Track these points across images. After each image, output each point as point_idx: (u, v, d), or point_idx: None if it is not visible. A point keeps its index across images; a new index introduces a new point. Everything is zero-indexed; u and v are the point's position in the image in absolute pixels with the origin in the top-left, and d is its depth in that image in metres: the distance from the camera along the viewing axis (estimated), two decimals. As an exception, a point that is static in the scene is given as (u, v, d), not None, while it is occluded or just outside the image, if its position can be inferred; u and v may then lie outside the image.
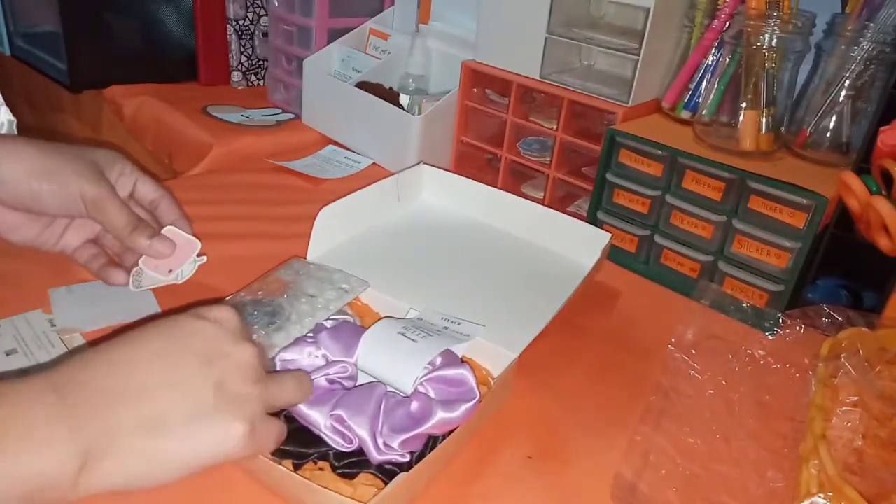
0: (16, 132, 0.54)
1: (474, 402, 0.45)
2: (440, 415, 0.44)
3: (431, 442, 0.45)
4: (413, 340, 0.49)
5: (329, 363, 0.48)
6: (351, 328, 0.51)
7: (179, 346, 0.35)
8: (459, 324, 0.55)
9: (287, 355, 0.49)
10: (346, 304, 0.56)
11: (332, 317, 0.54)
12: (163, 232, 0.55)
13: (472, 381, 0.46)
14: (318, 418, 0.45)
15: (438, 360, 0.48)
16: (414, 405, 0.45)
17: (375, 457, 0.43)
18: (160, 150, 1.04)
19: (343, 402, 0.45)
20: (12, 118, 0.52)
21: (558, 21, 0.80)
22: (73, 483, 0.30)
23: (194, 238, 0.56)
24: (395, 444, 0.43)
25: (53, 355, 0.52)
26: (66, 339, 0.54)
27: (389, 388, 0.47)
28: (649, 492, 0.45)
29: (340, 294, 0.56)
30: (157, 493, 0.42)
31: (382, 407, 0.45)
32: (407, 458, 0.43)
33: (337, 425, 0.44)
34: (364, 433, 0.43)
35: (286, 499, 0.42)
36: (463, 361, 0.49)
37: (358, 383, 0.49)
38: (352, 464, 0.43)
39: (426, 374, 0.47)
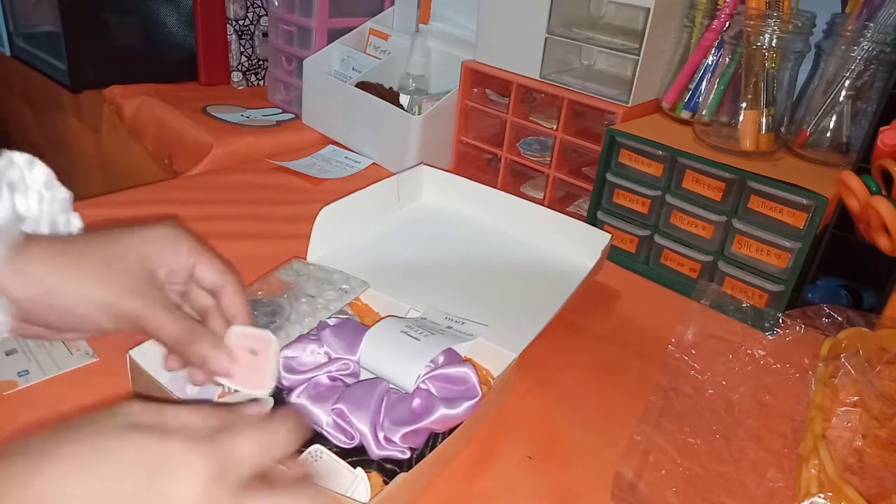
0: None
1: (476, 399, 0.45)
2: (442, 410, 0.44)
3: (432, 441, 0.45)
4: (416, 339, 0.49)
5: (331, 360, 0.48)
6: (354, 326, 0.51)
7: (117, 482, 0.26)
8: (463, 323, 0.55)
9: (289, 352, 0.49)
10: (346, 304, 0.56)
11: (334, 315, 0.54)
12: (231, 333, 0.42)
13: (474, 379, 0.46)
14: (319, 415, 0.45)
15: (441, 359, 0.48)
16: (416, 401, 0.45)
17: (375, 451, 0.43)
18: (160, 150, 1.04)
19: (345, 397, 0.45)
20: (81, 224, 0.44)
21: (558, 21, 0.80)
22: None
23: (267, 334, 0.43)
24: (396, 438, 0.43)
25: (53, 355, 0.52)
26: (68, 341, 0.54)
27: (391, 386, 0.47)
28: (649, 492, 0.45)
29: (340, 294, 0.57)
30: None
31: (384, 402, 0.45)
32: (407, 455, 0.43)
33: (338, 420, 0.44)
34: (365, 427, 0.43)
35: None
36: (465, 360, 0.49)
37: (360, 380, 0.49)
38: (353, 463, 0.43)
39: (428, 372, 0.47)
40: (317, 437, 0.45)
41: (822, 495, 0.40)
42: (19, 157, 0.38)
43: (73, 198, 0.43)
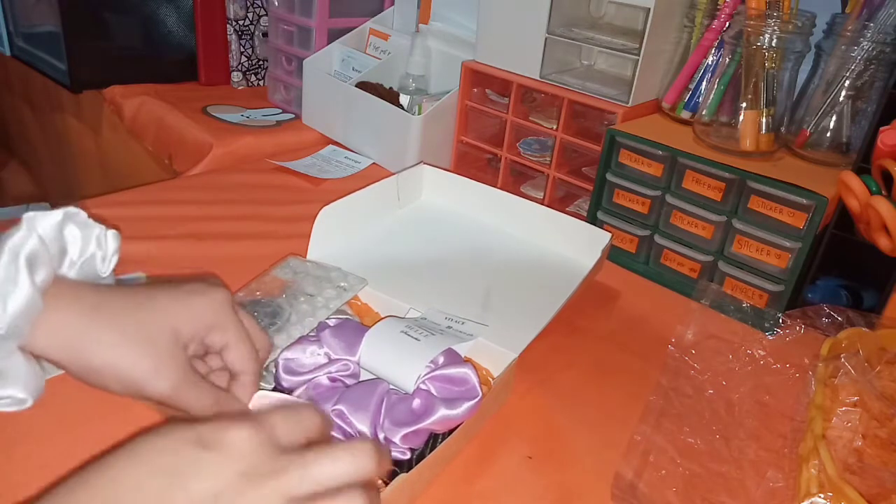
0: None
1: (476, 400, 0.45)
2: (442, 411, 0.44)
3: (432, 441, 0.45)
4: (416, 339, 0.49)
5: (331, 361, 0.48)
6: (354, 326, 0.51)
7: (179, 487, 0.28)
8: (463, 323, 0.55)
9: (289, 354, 0.49)
10: (345, 302, 0.56)
11: (334, 316, 0.54)
12: (256, 398, 0.42)
13: (474, 379, 0.46)
14: (318, 418, 0.45)
15: (441, 359, 0.48)
16: (416, 402, 0.45)
17: None
18: (160, 150, 1.04)
19: (345, 398, 0.45)
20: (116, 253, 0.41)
21: (558, 21, 0.80)
22: None
23: (293, 399, 0.45)
24: (396, 439, 0.43)
25: (53, 355, 0.52)
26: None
27: (391, 386, 0.47)
28: (649, 492, 0.45)
29: (339, 292, 0.56)
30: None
31: (384, 403, 0.45)
32: (407, 456, 0.43)
33: (338, 420, 0.44)
34: (364, 428, 0.43)
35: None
36: (465, 361, 0.49)
37: (360, 381, 0.49)
38: (352, 464, 0.43)
39: (429, 373, 0.47)
40: (317, 438, 0.45)
41: (822, 495, 0.40)
42: (44, 222, 0.36)
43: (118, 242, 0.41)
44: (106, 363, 0.36)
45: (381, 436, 0.43)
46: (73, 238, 0.38)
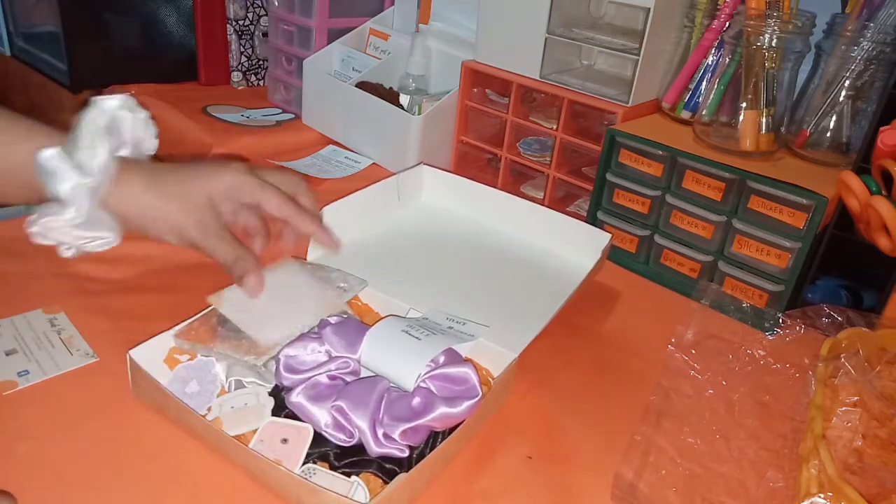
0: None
1: (477, 399, 0.45)
2: (442, 409, 0.44)
3: (432, 441, 0.45)
4: (417, 339, 0.49)
5: (331, 358, 0.49)
6: (355, 325, 0.51)
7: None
8: (464, 324, 0.55)
9: (290, 351, 0.49)
10: (345, 302, 0.56)
11: (334, 315, 0.54)
12: (267, 422, 0.46)
13: (474, 378, 0.46)
14: (318, 416, 0.45)
15: (442, 358, 0.48)
16: (416, 400, 0.45)
17: (374, 449, 0.43)
18: (160, 150, 1.03)
19: (345, 394, 0.45)
20: (155, 142, 0.56)
21: (558, 21, 0.80)
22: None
23: (306, 426, 0.45)
24: (395, 435, 0.43)
25: (53, 355, 0.52)
26: (66, 340, 0.54)
27: (392, 384, 0.47)
28: (649, 492, 0.45)
29: (339, 293, 0.56)
30: (161, 493, 0.42)
31: (384, 400, 0.45)
32: (406, 454, 0.43)
33: (338, 416, 0.44)
34: (364, 424, 0.43)
35: (286, 499, 0.42)
36: (466, 360, 0.49)
37: (360, 378, 0.49)
38: (352, 463, 0.43)
39: (429, 372, 0.47)
40: (316, 438, 0.45)
41: (822, 495, 0.40)
42: (109, 105, 0.49)
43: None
44: (158, 216, 0.50)
45: (380, 432, 0.43)
46: (127, 120, 0.51)
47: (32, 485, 0.41)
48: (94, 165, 0.46)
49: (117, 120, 0.49)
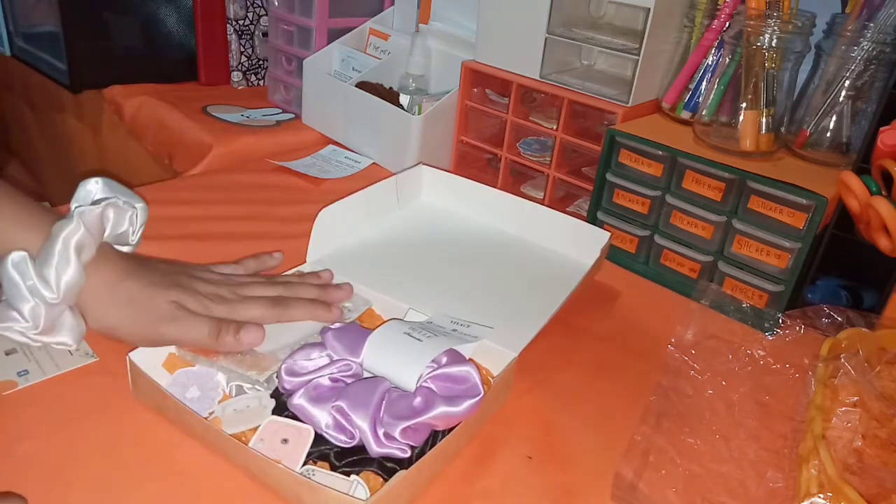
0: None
1: (478, 398, 0.45)
2: (443, 407, 0.44)
3: (432, 441, 0.45)
4: (418, 340, 0.49)
5: (332, 361, 0.48)
6: (356, 329, 0.51)
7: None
8: (468, 326, 0.55)
9: (291, 356, 0.49)
10: (349, 322, 0.56)
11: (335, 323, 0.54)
12: (268, 421, 0.46)
13: (476, 378, 0.46)
14: (318, 417, 0.45)
15: (444, 359, 0.48)
16: (417, 399, 0.45)
17: (375, 449, 0.43)
18: (160, 150, 1.04)
19: (345, 395, 0.45)
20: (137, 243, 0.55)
21: (558, 21, 0.80)
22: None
23: (307, 428, 0.46)
24: (395, 434, 0.43)
25: (53, 355, 0.52)
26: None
27: (393, 385, 0.47)
28: (649, 492, 0.45)
29: (344, 313, 0.57)
30: (161, 493, 0.42)
31: (385, 400, 0.45)
32: (407, 454, 0.43)
33: (338, 416, 0.44)
34: (364, 424, 0.43)
35: (286, 498, 0.42)
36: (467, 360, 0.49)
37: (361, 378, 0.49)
38: (353, 462, 0.43)
39: (430, 372, 0.47)
40: (316, 438, 0.45)
41: (822, 495, 0.40)
42: (88, 217, 0.48)
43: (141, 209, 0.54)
44: (118, 326, 0.49)
45: (380, 431, 0.43)
46: (110, 219, 0.50)
47: (32, 485, 0.41)
48: (60, 284, 0.45)
49: (96, 226, 0.48)
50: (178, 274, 0.53)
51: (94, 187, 0.52)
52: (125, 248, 0.54)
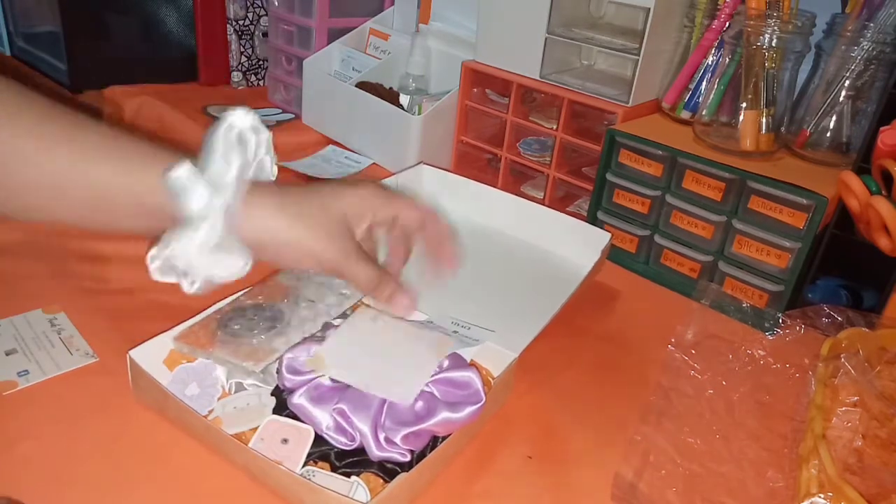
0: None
1: (479, 405, 0.45)
2: (444, 414, 0.44)
3: (432, 442, 0.45)
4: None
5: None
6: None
7: None
8: (469, 328, 0.55)
9: (291, 354, 0.49)
10: (346, 308, 0.56)
11: (337, 317, 0.54)
12: (268, 421, 0.46)
13: (478, 384, 0.46)
14: (319, 418, 0.45)
15: (446, 363, 0.48)
16: (419, 404, 0.45)
17: (375, 452, 0.43)
18: (160, 150, 1.03)
19: (347, 397, 0.45)
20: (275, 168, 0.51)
21: (558, 21, 0.80)
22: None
23: (306, 428, 0.46)
24: (396, 439, 0.43)
25: (53, 355, 0.52)
26: (66, 340, 0.54)
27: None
28: (649, 492, 0.45)
29: (340, 300, 0.57)
30: (161, 493, 0.42)
31: (386, 403, 0.45)
32: (407, 458, 0.43)
33: (339, 419, 0.44)
34: (365, 427, 0.43)
35: (287, 499, 0.42)
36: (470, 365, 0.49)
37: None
38: (353, 463, 0.43)
39: (433, 376, 0.47)
40: (317, 438, 0.45)
41: (822, 495, 0.40)
42: (237, 120, 0.47)
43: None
44: (293, 241, 0.45)
45: (381, 436, 0.43)
46: (252, 141, 0.48)
47: (32, 485, 0.41)
48: (227, 181, 0.43)
49: (244, 138, 0.47)
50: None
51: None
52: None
